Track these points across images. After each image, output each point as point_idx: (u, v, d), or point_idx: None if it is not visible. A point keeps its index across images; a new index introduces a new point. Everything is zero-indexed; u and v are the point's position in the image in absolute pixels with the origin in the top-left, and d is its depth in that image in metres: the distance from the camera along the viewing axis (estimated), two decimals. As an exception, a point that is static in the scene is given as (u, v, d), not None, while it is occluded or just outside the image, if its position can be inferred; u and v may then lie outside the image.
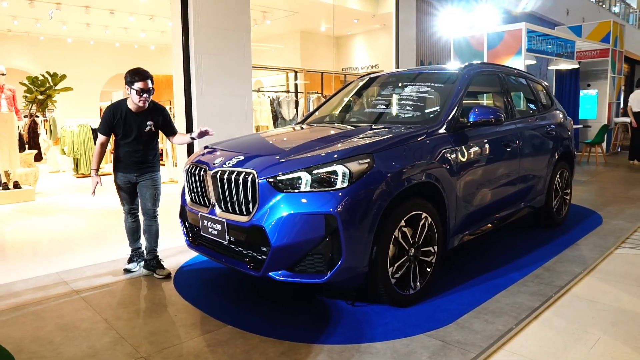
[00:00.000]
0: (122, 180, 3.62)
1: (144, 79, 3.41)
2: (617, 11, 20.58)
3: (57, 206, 6.77)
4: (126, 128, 3.51)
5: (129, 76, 3.44)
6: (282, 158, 2.76)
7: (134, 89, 3.42)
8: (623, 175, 8.46)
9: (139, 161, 3.59)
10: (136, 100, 3.46)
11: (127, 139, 3.53)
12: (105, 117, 3.54)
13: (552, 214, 4.75)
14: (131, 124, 3.52)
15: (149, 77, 3.45)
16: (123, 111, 3.50)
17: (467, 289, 3.26)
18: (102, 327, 2.80)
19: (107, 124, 3.53)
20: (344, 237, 2.55)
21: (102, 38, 13.20)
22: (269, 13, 10.83)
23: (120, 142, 3.57)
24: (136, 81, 3.40)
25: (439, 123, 3.33)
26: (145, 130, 3.55)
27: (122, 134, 3.52)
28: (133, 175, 3.60)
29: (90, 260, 4.08)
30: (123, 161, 3.58)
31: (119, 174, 3.61)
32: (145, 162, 3.62)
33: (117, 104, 3.56)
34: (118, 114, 3.50)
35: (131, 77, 3.42)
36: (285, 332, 2.67)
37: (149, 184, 3.63)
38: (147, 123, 3.55)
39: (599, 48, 10.42)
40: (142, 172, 3.61)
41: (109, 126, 3.53)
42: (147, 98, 3.47)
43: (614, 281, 3.44)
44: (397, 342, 2.53)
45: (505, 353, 2.46)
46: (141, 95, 3.43)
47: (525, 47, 6.92)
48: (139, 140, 3.56)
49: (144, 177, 3.62)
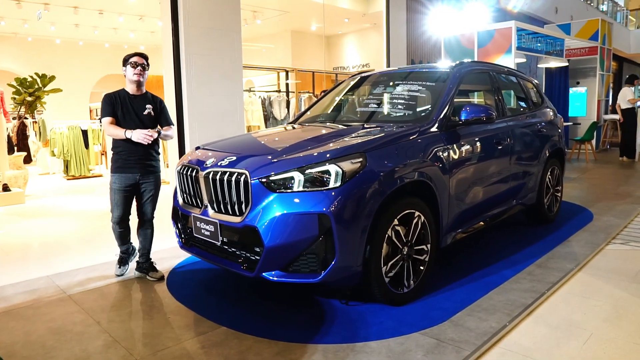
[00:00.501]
0: (123, 183, 3.45)
1: (138, 54, 3.47)
2: (604, 9, 20.77)
3: (48, 209, 6.70)
4: (125, 111, 3.43)
5: (125, 57, 3.47)
6: (275, 158, 2.76)
7: (129, 64, 3.41)
8: (613, 171, 8.54)
9: (143, 153, 3.45)
10: (131, 75, 3.42)
11: (128, 124, 3.42)
12: (105, 101, 3.44)
13: (544, 211, 4.79)
14: (131, 106, 3.45)
15: (140, 54, 3.50)
16: (121, 95, 3.47)
17: (461, 287, 3.27)
18: (94, 330, 2.77)
19: (110, 106, 3.41)
20: (338, 237, 2.55)
21: (91, 39, 13.08)
22: (260, 13, 10.80)
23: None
24: (131, 57, 3.44)
25: (430, 122, 3.34)
26: (145, 113, 3.49)
27: (124, 119, 3.42)
28: (136, 175, 3.46)
29: (82, 263, 4.03)
30: (126, 158, 3.42)
31: (120, 175, 3.44)
32: (149, 156, 3.50)
33: (114, 92, 3.51)
34: (117, 98, 3.45)
35: (126, 56, 3.46)
36: (280, 332, 2.67)
37: (151, 187, 3.55)
38: (146, 106, 3.51)
39: (588, 46, 10.52)
40: (145, 172, 3.49)
41: (111, 108, 3.40)
42: (142, 72, 3.44)
43: (605, 277, 3.48)
44: (391, 340, 2.53)
45: (499, 350, 2.47)
46: (135, 67, 3.41)
47: (515, 46, 6.97)
48: (140, 126, 3.45)
49: (147, 178, 3.51)
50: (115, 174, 3.47)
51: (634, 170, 8.62)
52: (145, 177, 3.52)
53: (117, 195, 3.47)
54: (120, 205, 3.48)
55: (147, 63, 3.51)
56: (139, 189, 3.55)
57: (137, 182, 3.50)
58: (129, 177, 3.46)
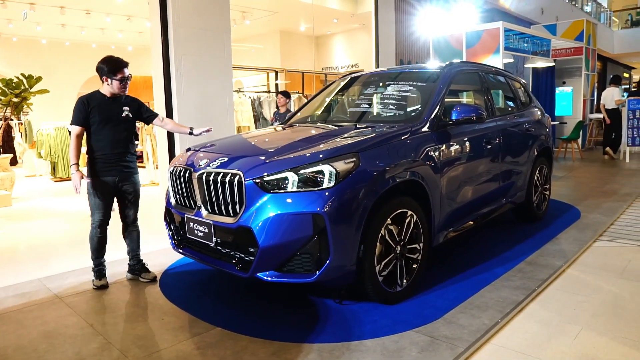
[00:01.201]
0: (101, 186, 3.38)
1: (124, 67, 3.42)
2: (589, 10, 21.08)
3: (36, 211, 6.62)
4: (103, 113, 3.35)
5: (107, 66, 3.36)
6: (268, 158, 2.76)
7: (116, 79, 3.36)
8: (598, 170, 8.69)
9: (120, 156, 3.41)
10: (117, 89, 3.38)
11: (105, 126, 3.35)
12: (77, 107, 3.35)
13: (533, 209, 4.86)
14: (107, 109, 3.37)
15: (126, 64, 3.46)
16: (97, 98, 3.39)
17: (453, 285, 3.31)
18: (88, 332, 2.76)
19: (82, 113, 3.33)
20: (332, 236, 2.56)
21: (78, 39, 12.93)
22: (249, 13, 10.77)
23: (97, 135, 3.36)
24: (118, 71, 3.37)
25: (422, 121, 3.37)
26: (123, 115, 3.42)
27: (99, 121, 3.33)
28: (115, 178, 3.41)
29: (72, 266, 3.99)
30: (104, 160, 3.37)
31: (98, 179, 3.37)
32: (126, 159, 3.45)
33: (89, 94, 3.44)
34: (92, 101, 3.36)
35: (110, 67, 3.36)
36: (274, 332, 2.67)
37: (131, 189, 3.51)
38: (124, 108, 3.45)
39: (574, 46, 10.68)
40: (124, 175, 3.45)
41: (84, 115, 3.33)
42: (127, 85, 3.45)
43: (593, 273, 3.54)
44: (386, 339, 2.56)
45: (492, 347, 2.51)
46: (122, 82, 3.38)
47: (502, 46, 7.05)
48: (118, 128, 3.40)
49: (127, 181, 3.47)
50: (93, 177, 3.38)
51: (619, 168, 8.77)
52: (124, 180, 3.46)
53: (97, 199, 3.39)
54: (100, 208, 3.40)
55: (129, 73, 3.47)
56: (119, 192, 3.48)
57: (116, 185, 3.44)
58: (107, 180, 3.39)
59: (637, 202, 5.90)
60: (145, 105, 3.71)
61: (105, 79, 3.38)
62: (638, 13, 23.71)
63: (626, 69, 26.24)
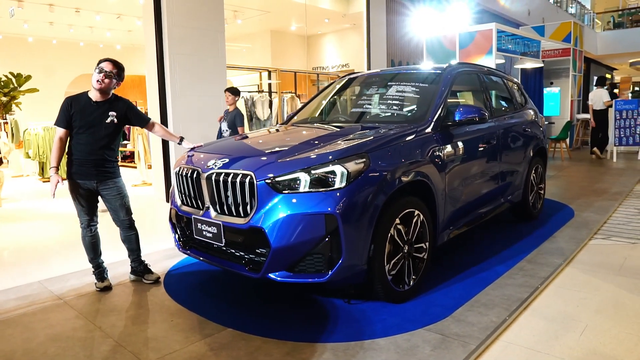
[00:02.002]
0: (79, 188, 3.28)
1: (107, 60, 3.28)
2: (573, 12, 21.45)
3: (26, 212, 6.51)
4: (85, 118, 3.22)
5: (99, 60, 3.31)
6: (280, 159, 2.77)
7: (96, 68, 3.24)
8: (587, 169, 8.86)
9: (97, 162, 3.27)
10: (94, 80, 3.23)
11: (86, 131, 3.22)
12: (62, 107, 3.24)
13: (529, 208, 4.94)
14: (90, 113, 3.24)
15: (114, 62, 3.29)
16: (82, 100, 3.26)
17: (457, 283, 3.35)
18: (97, 335, 2.73)
19: (65, 115, 3.22)
20: (344, 236, 2.58)
21: (65, 37, 12.72)
22: (240, 12, 10.73)
23: (77, 138, 3.25)
24: (102, 62, 3.27)
25: (426, 122, 3.41)
26: (107, 121, 3.28)
27: (79, 126, 3.21)
28: (92, 182, 3.29)
29: (71, 268, 3.95)
30: (80, 164, 3.25)
31: (76, 182, 3.26)
32: (104, 165, 3.31)
33: (77, 94, 3.34)
34: (76, 104, 3.24)
35: (99, 60, 3.29)
36: (285, 332, 2.68)
37: (114, 193, 3.37)
38: (109, 114, 3.29)
39: (561, 47, 10.87)
40: (102, 179, 3.32)
41: (67, 117, 3.22)
42: (104, 80, 3.21)
43: (591, 271, 3.62)
44: (398, 337, 2.59)
45: (502, 344, 2.55)
46: (100, 72, 3.21)
47: (495, 47, 7.15)
48: (98, 134, 3.25)
49: (106, 185, 3.34)
50: (70, 180, 3.29)
51: (607, 167, 8.96)
52: (104, 184, 3.34)
53: (75, 201, 3.33)
54: (83, 210, 3.35)
55: (117, 73, 3.29)
56: (103, 197, 3.39)
57: (95, 190, 3.35)
58: (85, 183, 3.29)
59: (627, 200, 6.05)
60: (136, 109, 3.52)
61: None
62: (620, 15, 24.20)
63: (608, 70, 26.76)
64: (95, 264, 3.47)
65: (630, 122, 9.29)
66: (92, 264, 3.48)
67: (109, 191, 3.38)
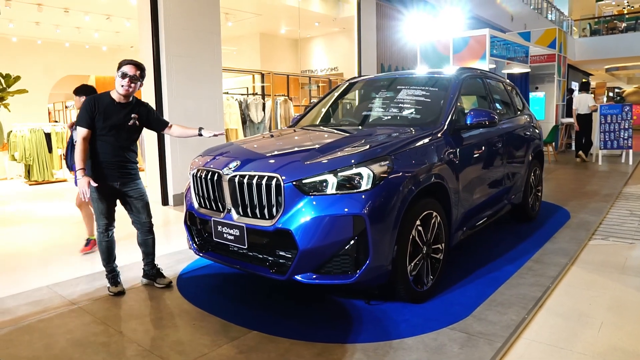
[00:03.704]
0: (101, 191, 3.25)
1: (131, 64, 3.24)
2: (552, 18, 22.05)
3: (16, 216, 6.36)
4: (108, 120, 3.20)
5: (120, 62, 3.27)
6: (306, 161, 2.79)
7: (118, 74, 3.20)
8: (575, 172, 9.11)
9: (120, 163, 3.28)
10: (118, 85, 3.20)
11: (109, 133, 3.22)
12: (85, 107, 3.19)
13: (528, 209, 5.06)
14: (113, 115, 3.22)
15: (138, 65, 3.26)
16: (105, 101, 3.23)
17: (470, 284, 3.42)
18: (120, 340, 2.70)
19: (89, 114, 3.17)
20: (372, 238, 2.62)
21: (51, 38, 12.44)
22: (231, 15, 10.70)
23: (100, 139, 3.23)
24: (123, 65, 3.23)
25: (439, 125, 3.47)
26: (129, 123, 3.28)
27: (103, 127, 3.20)
28: (116, 184, 3.28)
29: (78, 272, 3.88)
30: (104, 166, 3.24)
31: (99, 184, 3.20)
32: (127, 167, 3.32)
33: (99, 95, 3.30)
34: (100, 104, 3.21)
35: (120, 63, 3.25)
36: (312, 333, 2.70)
37: (137, 195, 3.37)
38: (131, 116, 3.29)
39: (547, 53, 11.16)
40: (125, 181, 3.32)
41: (90, 117, 3.18)
42: (131, 85, 3.20)
43: (596, 270, 3.74)
44: (424, 336, 2.63)
45: (524, 341, 2.62)
46: (124, 78, 3.18)
47: (489, 52, 7.32)
48: (121, 136, 3.26)
49: (129, 186, 3.34)
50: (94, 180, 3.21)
51: (593, 170, 9.23)
52: (127, 186, 3.34)
53: (99, 204, 3.29)
54: (103, 213, 3.30)
55: (140, 74, 3.27)
56: (123, 198, 3.37)
57: (118, 191, 3.32)
58: (107, 185, 3.27)
59: (618, 202, 6.25)
60: (156, 113, 3.55)
61: (115, 74, 3.26)
62: (596, 23, 24.98)
63: (585, 76, 27.56)
64: (109, 268, 3.43)
65: (614, 127, 9.59)
66: (106, 268, 3.44)
67: (133, 192, 3.36)
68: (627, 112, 9.58)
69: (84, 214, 4.49)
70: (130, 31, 11.41)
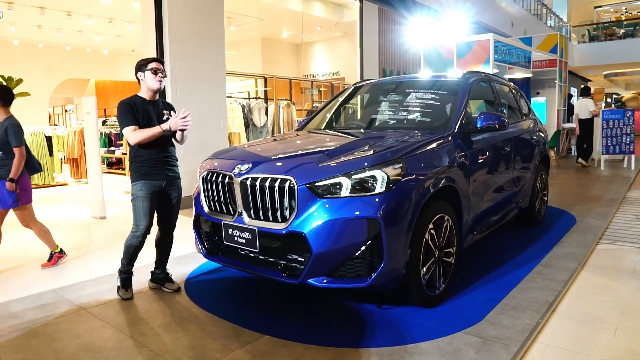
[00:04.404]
0: (149, 190, 3.23)
1: (155, 60, 3.28)
2: (551, 24, 22.16)
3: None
4: (148, 118, 3.24)
5: (139, 63, 3.28)
6: (320, 164, 2.76)
7: (149, 70, 3.22)
8: (577, 177, 9.11)
9: (166, 160, 3.31)
10: (151, 82, 3.24)
11: None
12: (125, 108, 3.18)
13: (535, 213, 5.05)
14: (150, 113, 3.26)
15: (161, 60, 3.33)
16: (138, 102, 3.25)
17: (481, 287, 3.39)
18: (130, 345, 2.66)
19: (132, 113, 3.18)
20: (386, 241, 2.59)
21: (52, 41, 12.43)
22: (234, 19, 10.71)
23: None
24: (149, 62, 3.25)
25: (450, 129, 3.46)
26: (164, 118, 3.32)
27: (145, 124, 3.21)
28: (162, 182, 3.29)
29: (83, 275, 3.85)
30: (151, 165, 3.24)
31: (145, 182, 3.22)
32: (171, 163, 3.36)
33: (129, 99, 3.28)
34: (136, 105, 3.22)
35: (143, 62, 3.27)
36: (325, 338, 2.67)
37: (176, 193, 3.41)
38: (164, 112, 3.35)
39: (549, 58, 11.20)
40: (170, 178, 3.34)
41: (133, 113, 3.18)
42: (162, 78, 3.27)
43: (606, 274, 3.72)
44: (439, 341, 2.60)
45: (540, 345, 2.60)
46: (156, 73, 3.23)
47: (493, 57, 7.33)
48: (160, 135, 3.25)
49: (173, 184, 3.37)
50: (139, 181, 3.24)
51: (595, 175, 9.23)
52: (170, 184, 3.36)
53: (144, 204, 3.22)
54: (147, 214, 3.23)
55: (164, 69, 3.34)
56: (164, 197, 3.36)
57: (162, 190, 3.33)
58: (154, 184, 3.26)
59: (623, 206, 6.24)
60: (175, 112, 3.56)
61: (139, 76, 3.27)
62: (595, 29, 25.11)
63: (583, 81, 27.68)
64: (127, 269, 3.37)
65: (616, 132, 9.61)
66: (123, 268, 3.37)
67: (173, 191, 3.39)
68: (629, 117, 9.60)
69: (37, 232, 4.18)
70: (132, 35, 11.41)
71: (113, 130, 12.02)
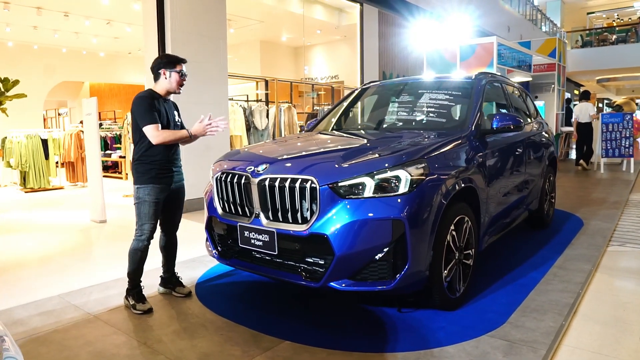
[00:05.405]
0: (157, 194, 3.11)
1: (184, 62, 3.19)
2: (546, 30, 22.36)
3: (14, 224, 6.16)
4: (164, 117, 3.13)
5: (167, 59, 3.16)
6: (341, 164, 2.70)
7: (175, 71, 3.11)
8: (579, 180, 9.12)
9: (176, 162, 3.24)
10: (176, 82, 3.13)
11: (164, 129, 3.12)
12: (147, 104, 3.03)
13: (543, 215, 5.01)
14: (166, 111, 3.15)
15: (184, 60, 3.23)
16: (155, 98, 3.11)
17: (499, 290, 3.34)
18: (145, 351, 2.57)
19: (154, 110, 3.04)
20: (411, 242, 2.53)
21: (48, 43, 12.27)
22: (234, 21, 10.64)
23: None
24: (179, 62, 3.15)
25: (467, 129, 3.41)
26: (176, 119, 3.26)
27: (163, 125, 3.11)
28: (168, 185, 3.19)
29: (88, 281, 3.73)
30: (161, 167, 3.12)
31: (154, 187, 3.09)
32: (178, 165, 3.28)
33: (148, 94, 3.13)
34: (155, 101, 3.08)
35: (172, 58, 3.16)
36: (347, 342, 2.59)
37: (181, 195, 3.35)
38: (175, 112, 3.28)
39: (548, 62, 11.25)
40: (177, 180, 3.27)
41: (156, 113, 3.05)
42: (184, 83, 3.20)
43: (621, 276, 3.69)
44: (465, 344, 2.54)
45: (566, 348, 2.54)
46: (181, 77, 3.14)
47: (496, 59, 7.32)
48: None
49: (178, 185, 3.29)
50: (147, 185, 3.09)
51: (596, 178, 9.25)
52: (178, 185, 3.30)
53: (150, 209, 3.10)
54: (153, 218, 3.12)
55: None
56: (168, 200, 3.25)
57: (169, 193, 3.22)
58: (163, 188, 3.14)
59: (627, 209, 6.24)
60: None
61: (163, 72, 3.11)
62: (588, 34, 25.35)
63: (576, 86, 27.91)
64: (135, 283, 3.17)
65: (616, 135, 9.65)
66: (131, 283, 3.17)
67: (179, 193, 3.32)
68: (628, 120, 9.65)
69: None
70: (130, 37, 11.30)
71: (109, 133, 11.87)
